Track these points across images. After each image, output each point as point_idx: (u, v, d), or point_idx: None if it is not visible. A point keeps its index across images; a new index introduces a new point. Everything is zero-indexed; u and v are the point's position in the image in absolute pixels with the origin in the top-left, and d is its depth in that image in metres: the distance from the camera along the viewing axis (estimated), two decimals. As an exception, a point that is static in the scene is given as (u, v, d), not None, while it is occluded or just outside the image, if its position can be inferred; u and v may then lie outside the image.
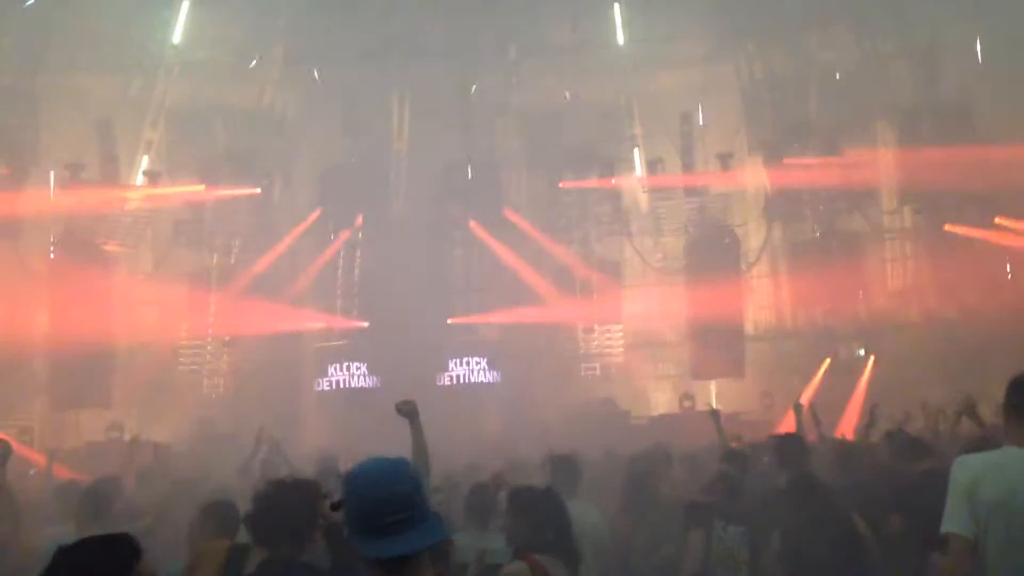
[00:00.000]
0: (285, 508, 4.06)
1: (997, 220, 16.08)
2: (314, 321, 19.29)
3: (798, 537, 5.38)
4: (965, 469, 3.85)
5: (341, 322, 19.40)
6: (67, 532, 5.88)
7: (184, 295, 18.86)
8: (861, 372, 16.76)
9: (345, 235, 19.73)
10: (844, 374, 16.82)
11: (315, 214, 19.46)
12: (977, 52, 16.27)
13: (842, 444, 7.92)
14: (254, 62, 18.65)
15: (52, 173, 17.17)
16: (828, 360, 17.43)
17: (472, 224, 19.41)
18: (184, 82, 18.39)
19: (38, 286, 17.10)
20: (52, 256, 17.26)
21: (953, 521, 3.78)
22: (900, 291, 18.15)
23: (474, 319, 19.26)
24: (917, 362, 15.38)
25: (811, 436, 8.08)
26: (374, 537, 2.60)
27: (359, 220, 19.62)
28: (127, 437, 14.83)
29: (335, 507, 2.63)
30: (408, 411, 5.33)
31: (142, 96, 18.49)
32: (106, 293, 17.27)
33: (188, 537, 5.16)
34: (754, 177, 19.21)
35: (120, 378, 17.17)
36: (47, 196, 17.20)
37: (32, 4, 16.47)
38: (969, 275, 16.02)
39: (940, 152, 16.24)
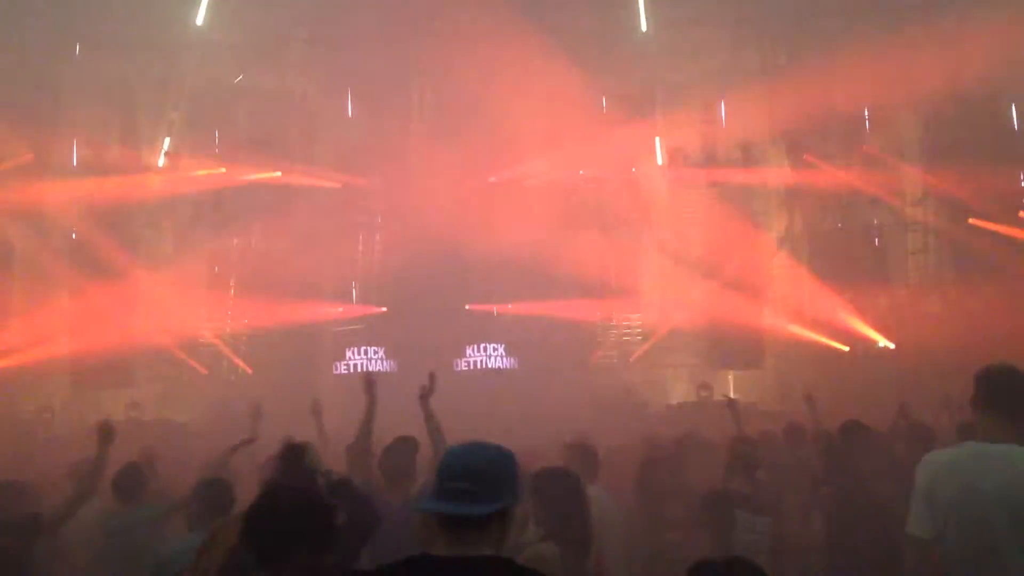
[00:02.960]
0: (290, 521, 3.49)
1: (1022, 214, 15.91)
2: (333, 305, 19.34)
3: (840, 523, 5.48)
4: (925, 469, 3.86)
5: (360, 307, 19.42)
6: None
7: (204, 277, 18.97)
8: (881, 363, 16.63)
9: (364, 219, 19.72)
10: (864, 365, 16.70)
11: (335, 197, 19.42)
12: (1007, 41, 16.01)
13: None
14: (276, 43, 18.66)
15: (75, 153, 17.28)
16: (847, 350, 17.31)
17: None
18: (206, 64, 18.44)
19: (61, 267, 17.25)
20: (74, 237, 17.36)
21: (913, 522, 3.82)
22: (922, 283, 17.98)
23: (492, 307, 19.21)
24: (938, 353, 15.22)
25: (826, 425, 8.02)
26: (432, 497, 2.89)
27: (377, 204, 19.61)
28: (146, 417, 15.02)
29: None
30: (421, 395, 6.09)
31: (164, 77, 18.57)
32: (127, 274, 17.40)
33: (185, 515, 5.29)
34: (776, 166, 19.06)
35: (140, 359, 17.27)
36: (70, 177, 17.32)
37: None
38: (993, 268, 15.86)
39: (966, 143, 16.06)
